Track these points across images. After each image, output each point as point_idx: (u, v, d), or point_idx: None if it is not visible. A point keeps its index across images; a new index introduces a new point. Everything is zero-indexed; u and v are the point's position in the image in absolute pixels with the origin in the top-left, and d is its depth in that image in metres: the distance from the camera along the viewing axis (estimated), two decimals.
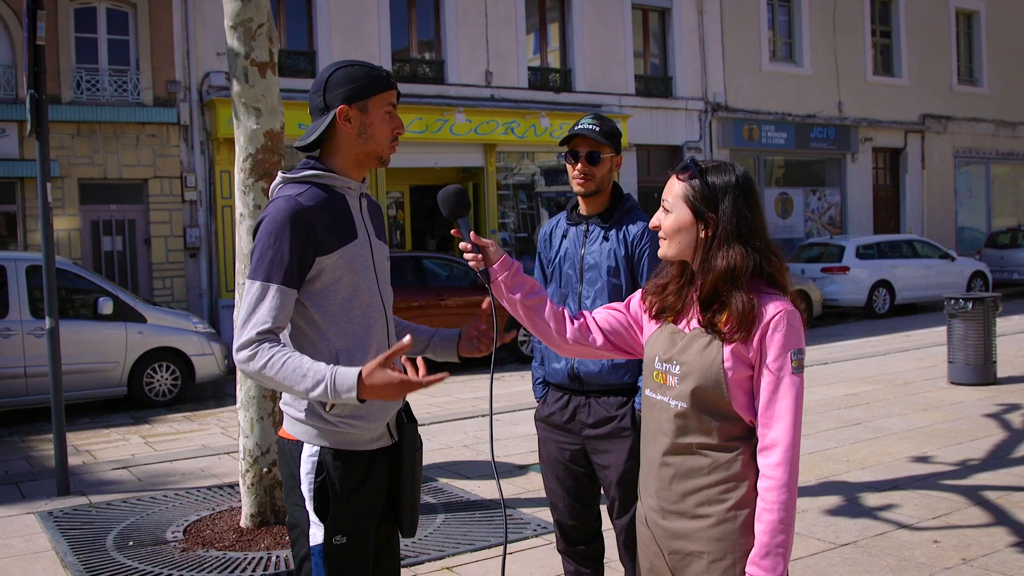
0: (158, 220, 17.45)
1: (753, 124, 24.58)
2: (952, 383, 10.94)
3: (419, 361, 2.67)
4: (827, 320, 20.26)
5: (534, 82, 21.59)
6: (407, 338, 2.63)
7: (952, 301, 10.98)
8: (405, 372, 2.69)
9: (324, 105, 2.89)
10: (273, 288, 2.73)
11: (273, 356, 2.67)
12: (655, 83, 23.55)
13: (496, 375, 13.39)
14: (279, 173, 2.95)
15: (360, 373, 2.60)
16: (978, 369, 10.76)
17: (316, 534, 2.81)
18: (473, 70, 20.60)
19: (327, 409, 2.82)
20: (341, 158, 2.93)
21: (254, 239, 2.82)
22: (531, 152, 21.56)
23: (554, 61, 22.40)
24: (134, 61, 17.33)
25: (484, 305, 3.01)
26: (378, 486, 2.92)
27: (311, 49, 19.03)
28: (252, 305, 2.74)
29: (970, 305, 10.74)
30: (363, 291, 2.89)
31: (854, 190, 26.98)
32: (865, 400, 10.25)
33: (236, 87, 6.22)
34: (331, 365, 2.65)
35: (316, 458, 2.83)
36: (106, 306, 11.76)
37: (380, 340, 2.94)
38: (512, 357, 15.09)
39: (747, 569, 2.49)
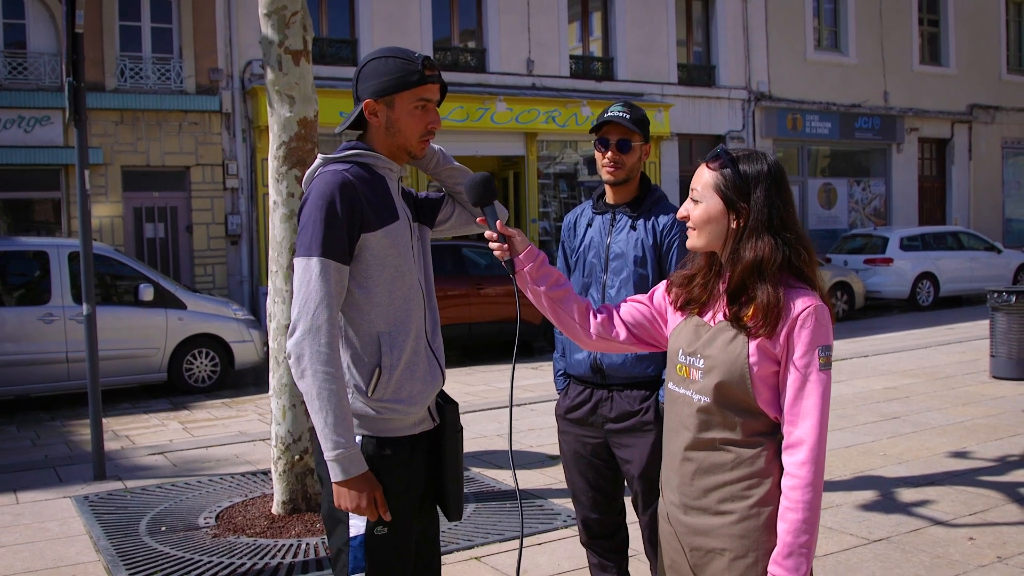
0: (200, 207, 17.59)
1: (797, 114, 24.33)
2: (994, 377, 10.78)
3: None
4: (869, 312, 20.03)
5: (576, 71, 21.51)
6: None
7: (995, 294, 10.82)
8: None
9: (356, 96, 2.88)
10: (323, 264, 2.69)
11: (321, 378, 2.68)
12: (698, 72, 23.38)
13: (533, 364, 13.38)
14: (319, 155, 2.91)
15: (363, 472, 2.69)
16: (1021, 363, 10.58)
17: (358, 525, 2.76)
18: (514, 59, 20.54)
19: (369, 394, 2.77)
20: (376, 147, 2.90)
21: (298, 218, 2.78)
22: (573, 141, 21.43)
23: (596, 50, 22.30)
24: (177, 49, 17.46)
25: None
26: (419, 473, 2.89)
27: (352, 37, 19.06)
28: (305, 284, 2.69)
29: (1013, 298, 10.58)
30: (405, 273, 2.85)
31: (899, 181, 26.65)
32: (904, 394, 10.11)
33: (270, 75, 6.23)
34: (356, 441, 2.71)
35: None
36: (147, 292, 11.87)
37: (418, 325, 2.89)
38: (551, 346, 15.03)
39: (769, 568, 2.43)
